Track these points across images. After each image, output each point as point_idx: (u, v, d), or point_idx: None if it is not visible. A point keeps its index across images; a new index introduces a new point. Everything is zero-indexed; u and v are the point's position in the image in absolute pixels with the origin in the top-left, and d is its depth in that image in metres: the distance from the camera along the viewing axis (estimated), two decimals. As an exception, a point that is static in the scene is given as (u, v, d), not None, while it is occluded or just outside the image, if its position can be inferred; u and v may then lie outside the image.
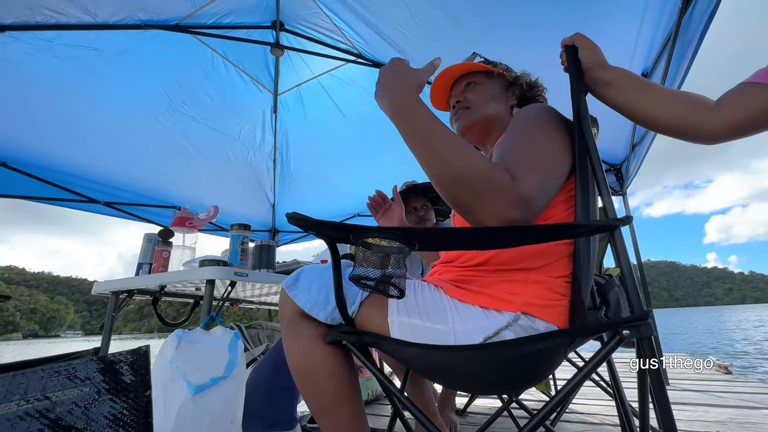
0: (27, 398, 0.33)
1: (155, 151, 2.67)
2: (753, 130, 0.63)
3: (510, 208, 0.55)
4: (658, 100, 0.68)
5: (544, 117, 0.69)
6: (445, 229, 0.58)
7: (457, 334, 0.63)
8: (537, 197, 0.58)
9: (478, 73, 0.91)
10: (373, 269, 0.64)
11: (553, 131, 0.67)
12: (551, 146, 0.65)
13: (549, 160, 0.64)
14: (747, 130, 0.62)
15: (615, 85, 0.72)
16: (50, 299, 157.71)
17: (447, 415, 1.54)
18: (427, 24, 1.87)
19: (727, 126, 0.62)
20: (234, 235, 1.35)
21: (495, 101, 0.87)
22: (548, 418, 0.55)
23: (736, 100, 0.63)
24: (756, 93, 0.61)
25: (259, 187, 3.33)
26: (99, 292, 1.48)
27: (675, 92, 0.69)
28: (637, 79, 0.71)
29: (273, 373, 1.29)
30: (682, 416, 1.59)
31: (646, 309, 0.52)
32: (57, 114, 2.19)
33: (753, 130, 0.63)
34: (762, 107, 0.60)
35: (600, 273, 1.51)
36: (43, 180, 2.47)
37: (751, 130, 0.62)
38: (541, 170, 0.61)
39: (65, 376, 0.37)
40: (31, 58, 1.87)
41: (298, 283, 0.72)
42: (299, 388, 0.72)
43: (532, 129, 0.67)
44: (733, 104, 0.63)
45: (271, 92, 2.77)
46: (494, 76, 0.90)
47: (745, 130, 0.62)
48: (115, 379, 0.40)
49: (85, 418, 0.36)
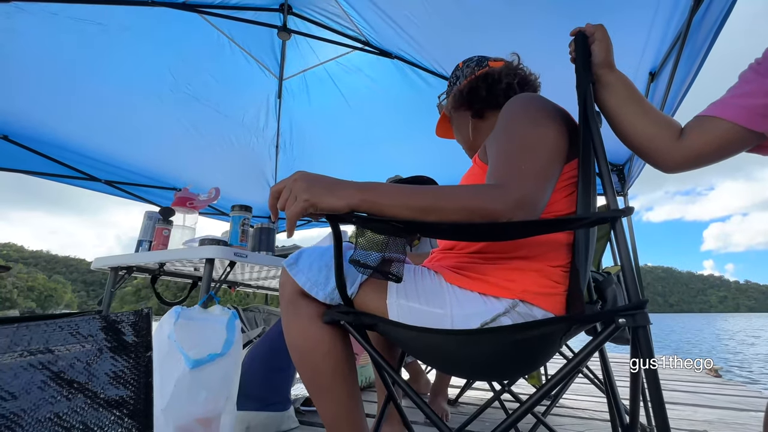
0: (30, 350, 0.34)
1: (157, 131, 2.65)
2: (705, 162, 0.65)
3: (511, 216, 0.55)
4: (639, 116, 0.69)
5: (532, 106, 0.68)
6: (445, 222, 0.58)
7: (455, 319, 0.64)
8: (535, 194, 0.57)
9: (447, 117, 1.00)
10: (372, 253, 0.65)
11: (542, 118, 0.66)
12: (542, 135, 0.64)
13: (541, 150, 0.62)
14: (700, 162, 0.65)
15: (613, 90, 0.71)
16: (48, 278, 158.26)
17: (439, 404, 1.56)
18: (438, 12, 1.85)
19: (684, 158, 0.65)
20: (235, 216, 1.35)
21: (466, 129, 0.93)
22: (538, 405, 0.56)
23: (692, 133, 0.64)
24: (707, 126, 0.63)
25: (261, 172, 3.32)
26: (98, 268, 1.48)
27: (656, 113, 0.70)
28: (634, 91, 0.72)
29: (268, 354, 1.31)
30: (670, 415, 1.59)
31: (643, 299, 0.52)
32: (60, 88, 2.17)
33: (705, 162, 0.65)
34: (713, 140, 0.62)
35: (598, 271, 1.52)
36: (44, 155, 2.46)
37: (704, 162, 0.65)
38: (533, 166, 0.60)
39: (68, 332, 0.37)
40: (36, 30, 1.84)
41: (299, 262, 0.73)
42: (296, 366, 0.73)
43: (519, 123, 0.66)
44: (690, 136, 0.64)
45: (276, 77, 2.75)
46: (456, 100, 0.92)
47: (698, 162, 0.65)
48: (117, 338, 0.40)
49: (86, 373, 0.36)
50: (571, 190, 0.70)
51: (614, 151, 2.42)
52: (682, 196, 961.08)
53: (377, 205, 0.56)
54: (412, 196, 0.57)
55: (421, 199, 0.56)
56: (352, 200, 0.56)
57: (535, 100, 0.70)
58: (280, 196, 0.58)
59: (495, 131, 0.69)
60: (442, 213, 0.56)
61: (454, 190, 0.58)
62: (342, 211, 0.56)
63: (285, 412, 1.29)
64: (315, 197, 0.56)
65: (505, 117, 0.69)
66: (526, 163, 0.60)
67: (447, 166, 2.82)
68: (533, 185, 0.58)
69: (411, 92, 2.48)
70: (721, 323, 50.82)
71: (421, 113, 2.59)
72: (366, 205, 0.56)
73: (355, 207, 0.56)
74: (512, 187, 0.57)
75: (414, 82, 2.43)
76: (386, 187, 0.58)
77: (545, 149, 0.63)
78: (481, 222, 0.56)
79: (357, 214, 0.57)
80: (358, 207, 0.56)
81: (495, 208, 0.54)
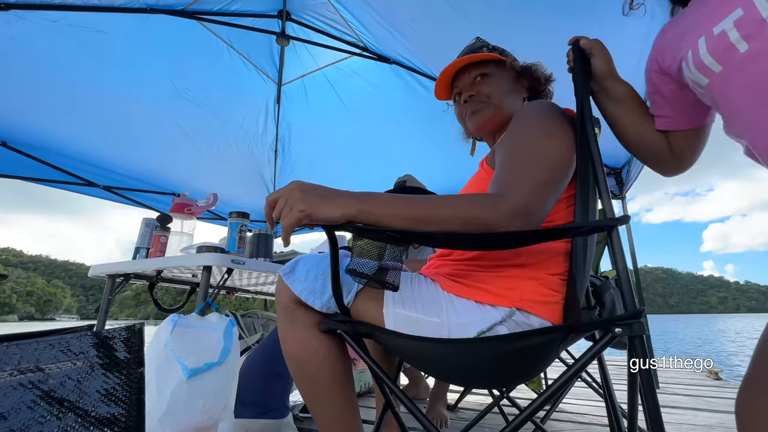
0: (20, 369, 0.34)
1: (156, 136, 2.66)
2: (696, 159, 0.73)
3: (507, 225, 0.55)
4: (643, 125, 0.72)
5: (546, 115, 0.68)
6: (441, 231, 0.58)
7: (451, 328, 0.64)
8: (533, 204, 0.57)
9: (487, 63, 0.86)
10: (369, 261, 0.64)
11: (556, 129, 0.66)
12: (551, 145, 0.64)
13: (548, 161, 0.62)
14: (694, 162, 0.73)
15: (621, 101, 0.73)
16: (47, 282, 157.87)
17: (438, 409, 1.55)
18: (436, 18, 1.86)
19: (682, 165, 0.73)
20: (232, 222, 1.35)
21: (510, 94, 0.84)
22: (537, 413, 0.56)
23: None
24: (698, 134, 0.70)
25: (260, 177, 3.32)
26: (96, 275, 1.48)
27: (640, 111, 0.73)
28: (638, 100, 0.74)
29: (267, 361, 1.30)
30: (671, 419, 1.60)
31: (640, 308, 0.52)
32: (59, 95, 2.17)
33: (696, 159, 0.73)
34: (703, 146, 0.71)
35: (596, 275, 1.52)
36: (43, 162, 2.46)
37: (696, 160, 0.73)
38: (537, 175, 0.60)
39: (59, 349, 0.37)
40: (35, 38, 1.85)
41: (296, 271, 0.73)
42: (293, 375, 0.73)
43: (530, 132, 0.66)
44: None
45: (275, 82, 2.76)
46: (505, 66, 0.87)
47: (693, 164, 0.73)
48: (109, 354, 0.40)
49: (77, 391, 0.36)
50: (571, 202, 0.70)
51: (612, 154, 2.43)
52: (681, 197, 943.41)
53: (374, 216, 0.56)
54: (409, 206, 0.57)
55: (417, 209, 0.57)
56: (348, 211, 0.56)
57: (548, 109, 0.70)
58: (276, 205, 0.58)
59: (506, 136, 0.69)
60: (439, 223, 0.56)
61: (451, 200, 0.58)
62: (338, 221, 0.56)
63: (283, 419, 1.28)
64: (310, 208, 0.55)
65: (518, 123, 0.69)
66: (530, 171, 0.60)
67: (447, 170, 2.83)
68: (533, 195, 0.58)
69: (409, 97, 2.49)
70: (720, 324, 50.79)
71: (419, 118, 2.60)
72: (362, 216, 0.56)
73: (351, 218, 0.56)
74: (510, 197, 0.57)
75: (412, 87, 2.44)
76: (382, 197, 0.59)
77: (553, 159, 0.63)
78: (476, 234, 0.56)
79: (353, 224, 0.57)
80: (355, 218, 0.56)
81: (490, 217, 0.55)
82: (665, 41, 0.65)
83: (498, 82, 0.85)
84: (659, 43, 0.67)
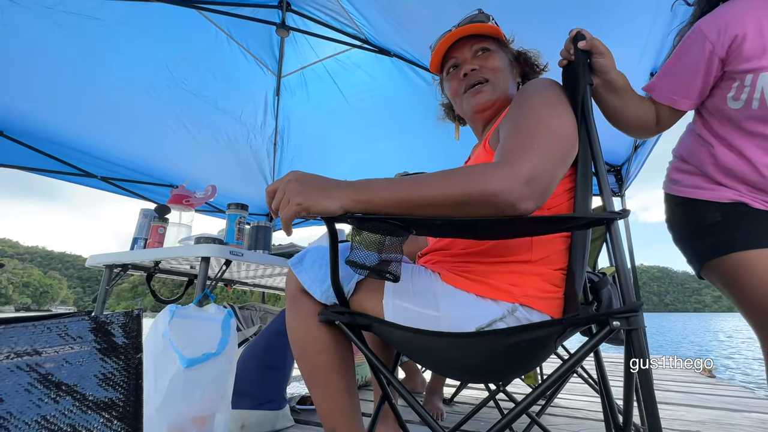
0: (17, 351, 0.34)
1: (154, 127, 2.63)
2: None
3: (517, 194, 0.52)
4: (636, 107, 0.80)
5: (551, 90, 0.67)
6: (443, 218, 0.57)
7: (450, 321, 0.64)
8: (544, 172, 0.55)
9: (491, 39, 0.81)
10: (369, 253, 0.64)
11: (561, 103, 0.65)
12: (560, 119, 0.62)
13: (557, 133, 0.60)
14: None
15: (621, 91, 0.77)
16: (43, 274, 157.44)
17: (434, 403, 1.56)
18: (437, 9, 1.84)
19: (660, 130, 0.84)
20: (231, 214, 1.35)
21: (510, 76, 0.81)
22: (532, 406, 0.56)
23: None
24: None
25: (259, 170, 3.31)
26: (93, 265, 1.47)
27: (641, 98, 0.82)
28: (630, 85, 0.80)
29: (264, 353, 1.30)
30: (663, 415, 1.62)
31: (638, 302, 0.52)
32: (55, 83, 2.15)
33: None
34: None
35: (594, 271, 1.52)
36: (40, 151, 2.43)
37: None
38: (547, 143, 0.57)
39: (57, 333, 0.37)
40: (30, 24, 1.82)
41: (304, 261, 0.74)
42: (296, 359, 0.75)
43: (538, 105, 0.64)
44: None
45: (274, 74, 2.73)
46: (506, 47, 0.83)
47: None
48: (107, 339, 0.40)
49: (75, 375, 0.36)
50: (570, 195, 0.69)
51: (613, 152, 2.43)
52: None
53: (372, 205, 0.55)
54: (406, 190, 0.55)
55: (415, 191, 0.54)
56: (346, 202, 0.55)
57: (553, 84, 0.69)
58: (275, 197, 0.58)
59: (511, 111, 0.67)
60: (441, 202, 0.53)
61: (450, 174, 0.55)
62: (336, 213, 0.55)
63: (280, 411, 1.29)
64: (308, 200, 0.55)
65: (524, 98, 0.66)
66: (538, 140, 0.57)
67: (447, 163, 2.81)
68: (544, 161, 0.55)
69: (410, 90, 2.47)
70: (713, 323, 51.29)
71: (419, 111, 2.59)
72: (360, 206, 0.55)
73: (349, 209, 0.55)
74: (519, 162, 0.54)
75: (412, 80, 2.42)
76: (379, 184, 0.57)
77: (559, 130, 0.60)
78: (476, 219, 0.55)
79: (352, 214, 0.57)
80: (353, 208, 0.55)
81: (497, 186, 0.51)
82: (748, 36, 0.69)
83: (501, 61, 0.80)
84: (734, 27, 0.70)
